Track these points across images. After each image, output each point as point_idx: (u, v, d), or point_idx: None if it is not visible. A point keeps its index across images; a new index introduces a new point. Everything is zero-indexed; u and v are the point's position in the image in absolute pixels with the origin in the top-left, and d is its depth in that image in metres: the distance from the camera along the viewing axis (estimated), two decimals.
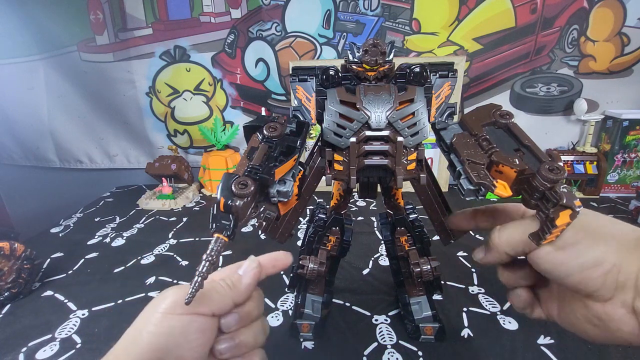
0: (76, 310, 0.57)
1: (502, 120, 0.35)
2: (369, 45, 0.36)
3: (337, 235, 0.47)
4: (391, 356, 0.46)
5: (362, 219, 0.89)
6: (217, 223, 0.29)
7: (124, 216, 0.97)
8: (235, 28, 1.07)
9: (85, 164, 1.28)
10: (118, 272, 0.68)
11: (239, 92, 1.15)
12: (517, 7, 0.96)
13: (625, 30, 0.95)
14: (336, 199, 0.47)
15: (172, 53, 1.11)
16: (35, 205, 1.32)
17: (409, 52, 1.04)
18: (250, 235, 0.82)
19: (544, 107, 1.05)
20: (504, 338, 0.49)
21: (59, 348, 0.50)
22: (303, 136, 0.37)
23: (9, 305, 0.59)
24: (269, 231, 0.42)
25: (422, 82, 0.38)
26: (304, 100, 0.39)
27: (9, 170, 1.33)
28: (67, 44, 1.11)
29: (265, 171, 0.31)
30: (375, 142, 0.36)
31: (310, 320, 0.49)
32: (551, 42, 0.99)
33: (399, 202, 0.48)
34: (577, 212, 0.27)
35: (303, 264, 0.45)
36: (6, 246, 0.60)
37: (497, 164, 0.31)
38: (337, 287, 0.58)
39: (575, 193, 0.97)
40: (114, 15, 1.08)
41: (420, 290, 0.51)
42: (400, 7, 1.00)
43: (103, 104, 1.18)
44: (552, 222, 0.27)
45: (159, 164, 1.06)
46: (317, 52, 1.07)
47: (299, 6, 1.03)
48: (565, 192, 0.27)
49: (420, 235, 0.47)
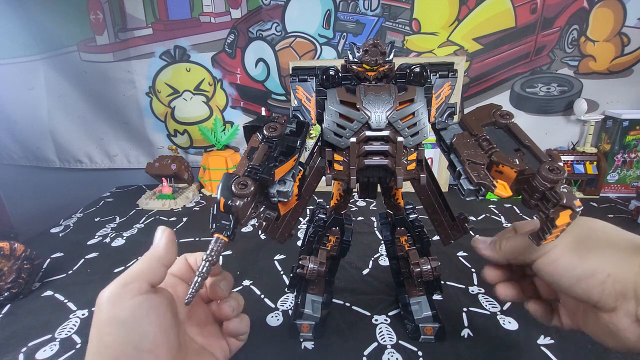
0: (76, 310, 0.57)
1: (502, 121, 0.35)
2: (369, 46, 0.36)
3: (337, 235, 0.47)
4: (391, 356, 0.46)
5: (362, 219, 0.89)
6: (217, 223, 0.29)
7: (124, 216, 0.97)
8: (235, 28, 1.07)
9: (85, 164, 1.28)
10: (118, 272, 0.68)
11: (239, 92, 1.15)
12: (517, 7, 0.96)
13: (625, 31, 0.95)
14: (336, 199, 0.47)
15: (172, 53, 1.11)
16: (35, 205, 1.32)
17: (409, 52, 1.04)
18: (250, 235, 0.82)
19: (544, 107, 1.05)
20: (504, 338, 0.49)
21: (58, 348, 0.49)
22: (303, 136, 0.37)
23: (9, 305, 0.59)
24: (269, 231, 0.42)
25: (422, 82, 0.38)
26: (304, 100, 0.39)
27: (9, 170, 1.33)
28: (67, 44, 1.11)
29: (265, 171, 0.31)
30: (375, 142, 0.36)
31: (310, 320, 0.49)
32: (551, 42, 0.99)
33: (399, 202, 0.48)
34: (577, 212, 0.27)
35: (303, 264, 0.45)
36: (6, 246, 0.60)
37: (497, 164, 0.31)
38: (337, 287, 0.58)
39: (575, 193, 0.97)
40: (114, 15, 1.08)
41: (420, 290, 0.51)
42: (400, 7, 1.00)
43: (103, 104, 1.18)
44: (552, 222, 0.27)
45: (159, 164, 1.06)
46: (317, 52, 1.07)
47: (299, 6, 1.03)
48: (565, 192, 0.27)
49: (420, 235, 0.46)
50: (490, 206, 0.94)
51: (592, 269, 0.27)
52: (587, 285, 0.27)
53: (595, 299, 0.27)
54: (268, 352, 0.47)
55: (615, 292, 0.26)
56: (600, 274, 0.27)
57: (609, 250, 0.28)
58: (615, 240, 0.29)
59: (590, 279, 0.27)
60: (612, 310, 0.27)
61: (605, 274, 0.27)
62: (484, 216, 0.88)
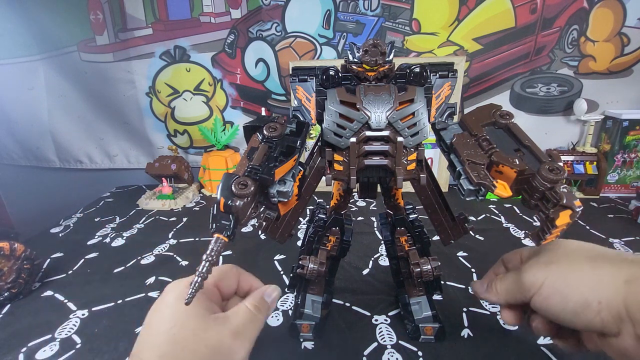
0: (76, 310, 0.57)
1: (502, 121, 0.35)
2: (369, 46, 0.36)
3: (337, 235, 0.47)
4: (391, 356, 0.46)
5: (362, 219, 0.89)
6: (217, 223, 0.29)
7: (124, 216, 0.97)
8: (235, 28, 1.07)
9: (85, 164, 1.28)
10: (118, 272, 0.68)
11: (239, 92, 1.15)
12: (517, 7, 0.96)
13: (625, 31, 0.95)
14: (336, 199, 0.47)
15: (172, 53, 1.11)
16: (35, 205, 1.32)
17: (409, 52, 1.04)
18: (250, 235, 0.82)
19: (544, 107, 1.05)
20: (504, 338, 0.49)
21: (58, 348, 0.49)
22: (303, 136, 0.37)
23: (9, 305, 0.59)
24: (269, 231, 0.42)
25: (422, 82, 0.38)
26: (304, 101, 0.39)
27: (9, 170, 1.33)
28: (67, 44, 1.11)
29: (265, 171, 0.31)
30: (375, 142, 0.36)
31: (310, 320, 0.49)
32: (551, 42, 0.99)
33: (399, 202, 0.48)
34: (577, 212, 0.27)
35: (303, 264, 0.45)
36: (6, 246, 0.60)
37: (497, 164, 0.31)
38: (337, 287, 0.58)
39: (575, 193, 0.97)
40: (114, 15, 1.08)
41: (420, 291, 0.51)
42: (400, 7, 1.00)
43: (103, 104, 1.18)
44: (552, 222, 0.27)
45: (159, 164, 1.06)
46: (317, 52, 1.07)
47: (299, 6, 1.03)
48: (565, 192, 0.27)
49: (420, 235, 0.46)
50: (490, 206, 0.94)
51: (584, 300, 0.27)
52: (587, 317, 0.27)
53: (598, 328, 0.27)
54: (268, 352, 0.47)
55: (613, 317, 0.26)
56: (593, 302, 0.27)
57: (592, 273, 0.28)
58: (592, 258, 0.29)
59: (586, 311, 0.27)
60: (618, 334, 0.27)
61: (597, 302, 0.27)
62: (484, 216, 0.88)
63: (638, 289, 0.26)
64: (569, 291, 0.28)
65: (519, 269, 0.33)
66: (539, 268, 0.31)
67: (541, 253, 0.33)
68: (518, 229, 0.81)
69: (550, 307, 0.29)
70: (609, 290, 0.26)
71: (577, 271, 0.29)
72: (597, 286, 0.27)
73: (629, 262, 0.28)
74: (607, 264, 0.28)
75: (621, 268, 0.27)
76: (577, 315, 0.28)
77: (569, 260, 0.30)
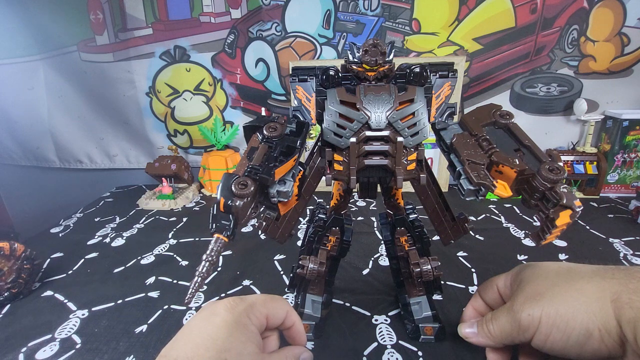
0: (76, 310, 0.57)
1: (502, 121, 0.35)
2: (369, 46, 0.36)
3: (337, 235, 0.47)
4: (391, 356, 0.46)
5: (362, 219, 0.89)
6: (217, 223, 0.29)
7: (124, 216, 0.97)
8: (235, 28, 1.07)
9: (85, 164, 1.28)
10: (118, 272, 0.68)
11: (239, 92, 1.15)
12: (517, 7, 0.96)
13: (625, 31, 0.95)
14: (336, 199, 0.47)
15: (172, 53, 1.11)
16: (35, 205, 1.32)
17: (409, 52, 1.04)
18: (250, 235, 0.82)
19: (544, 107, 1.05)
20: None
21: (58, 348, 0.49)
22: (303, 136, 0.37)
23: (9, 305, 0.59)
24: (269, 231, 0.42)
25: (422, 82, 0.38)
26: (304, 101, 0.39)
27: (9, 170, 1.33)
28: (67, 44, 1.11)
29: (265, 171, 0.31)
30: (375, 142, 0.36)
31: (310, 320, 0.49)
32: (551, 42, 0.99)
33: (399, 202, 0.48)
34: (577, 212, 0.27)
35: (303, 264, 0.45)
36: (6, 246, 0.60)
37: (497, 164, 0.31)
38: (337, 287, 0.58)
39: (575, 193, 0.97)
40: (114, 15, 1.08)
41: (420, 291, 0.51)
42: (400, 7, 1.00)
43: (103, 104, 1.18)
44: (552, 222, 0.27)
45: (159, 164, 1.06)
46: (317, 52, 1.07)
47: (299, 6, 1.03)
48: (565, 192, 0.27)
49: (420, 235, 0.46)
50: (490, 206, 0.94)
51: (585, 330, 0.27)
52: (593, 348, 0.27)
53: (606, 355, 0.27)
54: None
55: (615, 341, 0.26)
56: (594, 331, 0.27)
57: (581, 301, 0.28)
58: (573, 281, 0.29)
59: (590, 341, 0.27)
60: (624, 355, 0.27)
61: (597, 330, 0.26)
62: (484, 216, 0.88)
63: (625, 305, 0.26)
64: (567, 325, 0.28)
65: (511, 309, 0.32)
66: (532, 305, 0.30)
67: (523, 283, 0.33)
68: (518, 229, 0.81)
69: (554, 344, 0.29)
70: (602, 315, 0.26)
71: (568, 300, 0.28)
72: (591, 313, 0.27)
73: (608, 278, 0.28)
74: (588, 286, 0.28)
75: (602, 288, 0.27)
76: (583, 347, 0.27)
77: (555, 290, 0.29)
